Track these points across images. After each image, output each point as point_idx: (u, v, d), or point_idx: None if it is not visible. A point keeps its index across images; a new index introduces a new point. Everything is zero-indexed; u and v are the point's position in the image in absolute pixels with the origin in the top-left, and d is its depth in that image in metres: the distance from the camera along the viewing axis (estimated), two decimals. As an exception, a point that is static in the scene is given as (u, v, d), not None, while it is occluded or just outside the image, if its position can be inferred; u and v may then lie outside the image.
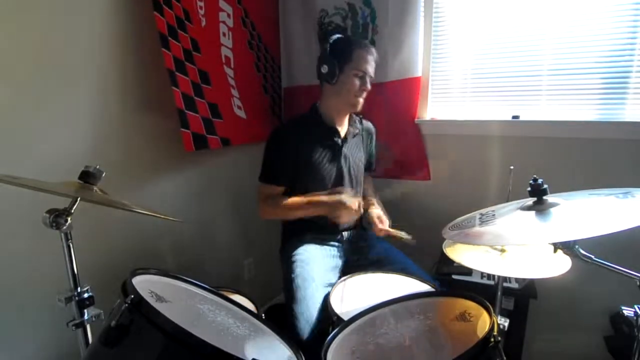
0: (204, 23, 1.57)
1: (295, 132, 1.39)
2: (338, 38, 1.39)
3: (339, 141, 1.42)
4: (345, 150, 1.43)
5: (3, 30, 1.02)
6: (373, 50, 1.39)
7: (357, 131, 1.49)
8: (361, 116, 1.54)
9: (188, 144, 1.45)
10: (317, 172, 1.38)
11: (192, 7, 1.51)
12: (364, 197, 1.52)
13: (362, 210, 1.32)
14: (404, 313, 0.93)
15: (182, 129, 1.42)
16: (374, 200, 1.51)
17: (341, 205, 1.28)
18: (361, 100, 1.40)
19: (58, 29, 1.13)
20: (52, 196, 0.78)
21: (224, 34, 1.70)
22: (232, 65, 1.75)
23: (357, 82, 1.35)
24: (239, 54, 1.78)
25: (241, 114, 1.81)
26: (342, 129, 1.45)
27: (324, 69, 1.36)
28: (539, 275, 0.96)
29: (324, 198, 1.32)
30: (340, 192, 1.33)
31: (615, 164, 1.49)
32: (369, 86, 1.38)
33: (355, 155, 1.47)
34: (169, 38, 1.38)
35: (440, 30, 1.76)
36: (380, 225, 1.35)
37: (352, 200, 1.29)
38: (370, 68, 1.37)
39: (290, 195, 1.37)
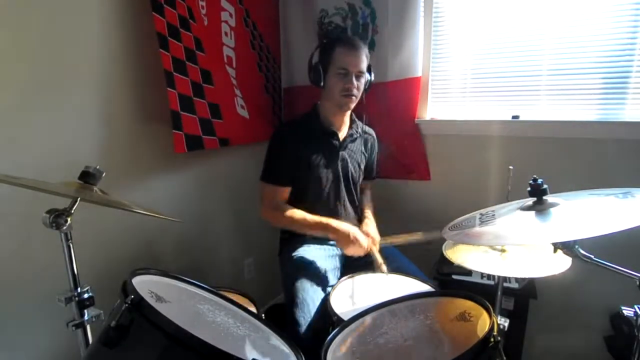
0: (206, 22, 1.57)
1: (296, 132, 1.39)
2: (323, 42, 1.38)
3: (337, 144, 1.41)
4: (343, 153, 1.42)
5: (3, 30, 1.02)
6: (359, 44, 1.33)
7: (357, 135, 1.48)
8: (363, 122, 1.52)
9: (179, 145, 1.43)
10: (313, 174, 1.37)
11: (195, 6, 1.51)
12: (360, 209, 1.51)
13: (369, 249, 1.25)
14: (404, 313, 0.93)
15: (174, 131, 1.41)
16: (369, 214, 1.49)
17: (351, 239, 1.23)
18: (353, 98, 1.34)
19: (58, 29, 1.13)
20: (52, 196, 0.78)
21: (226, 34, 1.69)
22: (234, 65, 1.75)
23: (340, 81, 1.31)
24: (241, 53, 1.78)
25: (244, 113, 1.81)
26: (342, 132, 1.44)
27: (311, 75, 1.36)
28: (539, 275, 0.96)
29: (334, 224, 1.27)
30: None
31: (615, 164, 1.49)
32: (355, 83, 1.31)
33: (353, 159, 1.46)
34: (169, 38, 1.37)
35: (440, 30, 1.76)
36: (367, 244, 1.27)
37: (363, 238, 1.24)
38: (354, 65, 1.30)
39: (289, 200, 1.36)
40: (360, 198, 1.56)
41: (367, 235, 1.29)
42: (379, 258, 1.22)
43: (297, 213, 1.33)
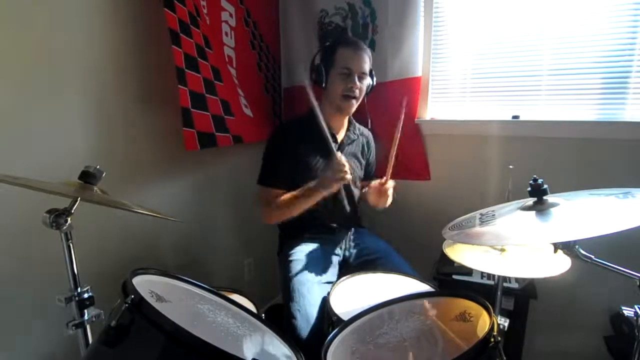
0: (208, 21, 1.57)
1: (293, 135, 1.38)
2: (326, 45, 1.39)
3: (335, 146, 1.40)
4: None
5: (3, 29, 1.02)
6: (362, 46, 1.34)
7: (355, 137, 1.48)
8: (368, 126, 1.52)
9: (191, 143, 1.43)
10: (311, 176, 1.36)
11: (198, 4, 1.51)
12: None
13: (345, 164, 1.22)
14: (404, 313, 0.93)
15: (185, 128, 1.40)
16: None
17: (326, 172, 1.22)
18: (353, 102, 1.33)
19: (58, 28, 1.13)
20: (52, 196, 0.78)
21: (226, 34, 1.69)
22: (234, 65, 1.75)
23: (343, 81, 1.31)
24: (241, 53, 1.78)
25: (248, 112, 1.81)
26: (340, 134, 1.44)
27: (314, 76, 1.36)
28: (539, 275, 0.96)
29: (312, 184, 1.27)
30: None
31: (615, 164, 1.49)
32: (357, 84, 1.31)
33: (352, 162, 1.46)
34: (181, 35, 1.36)
35: (440, 30, 1.76)
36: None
37: (329, 164, 1.23)
38: (357, 65, 1.31)
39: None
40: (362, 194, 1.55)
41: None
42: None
43: (287, 196, 1.31)
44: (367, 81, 1.37)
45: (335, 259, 1.40)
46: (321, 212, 1.37)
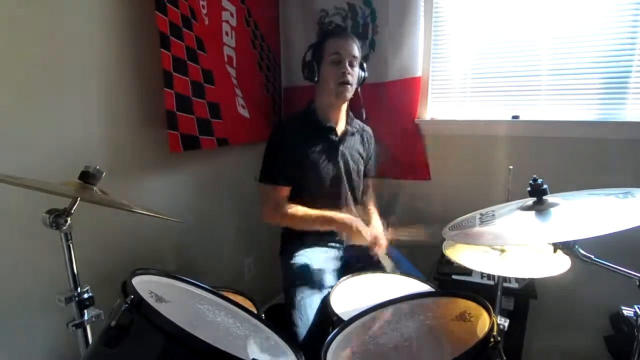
0: (206, 22, 1.57)
1: (293, 131, 1.38)
2: (315, 41, 1.40)
3: (336, 139, 1.41)
4: (342, 148, 1.42)
5: (3, 30, 1.02)
6: (349, 33, 1.39)
7: (354, 130, 1.48)
8: (363, 118, 1.52)
9: (174, 145, 1.43)
10: (315, 171, 1.37)
11: (197, 6, 1.51)
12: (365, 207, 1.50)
13: (373, 240, 1.27)
14: (404, 313, 0.93)
15: (169, 131, 1.40)
16: (374, 215, 1.46)
17: (354, 230, 1.25)
18: (348, 87, 1.34)
19: (58, 29, 1.13)
20: (52, 196, 0.78)
21: (226, 33, 1.69)
22: (234, 65, 1.74)
23: (334, 68, 1.32)
24: (241, 53, 1.78)
25: (245, 113, 1.81)
26: (339, 127, 1.44)
27: (305, 72, 1.37)
28: (539, 275, 0.96)
29: (337, 217, 1.28)
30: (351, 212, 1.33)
31: (615, 164, 1.49)
32: (349, 69, 1.32)
33: (353, 154, 1.46)
34: (171, 38, 1.37)
35: (440, 30, 1.76)
36: (376, 249, 1.26)
37: (365, 228, 1.27)
38: (346, 50, 1.32)
39: (291, 198, 1.36)
40: (363, 198, 1.55)
41: (375, 240, 1.28)
42: (384, 261, 1.24)
43: (300, 210, 1.32)
44: (358, 70, 1.38)
45: (339, 262, 1.40)
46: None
